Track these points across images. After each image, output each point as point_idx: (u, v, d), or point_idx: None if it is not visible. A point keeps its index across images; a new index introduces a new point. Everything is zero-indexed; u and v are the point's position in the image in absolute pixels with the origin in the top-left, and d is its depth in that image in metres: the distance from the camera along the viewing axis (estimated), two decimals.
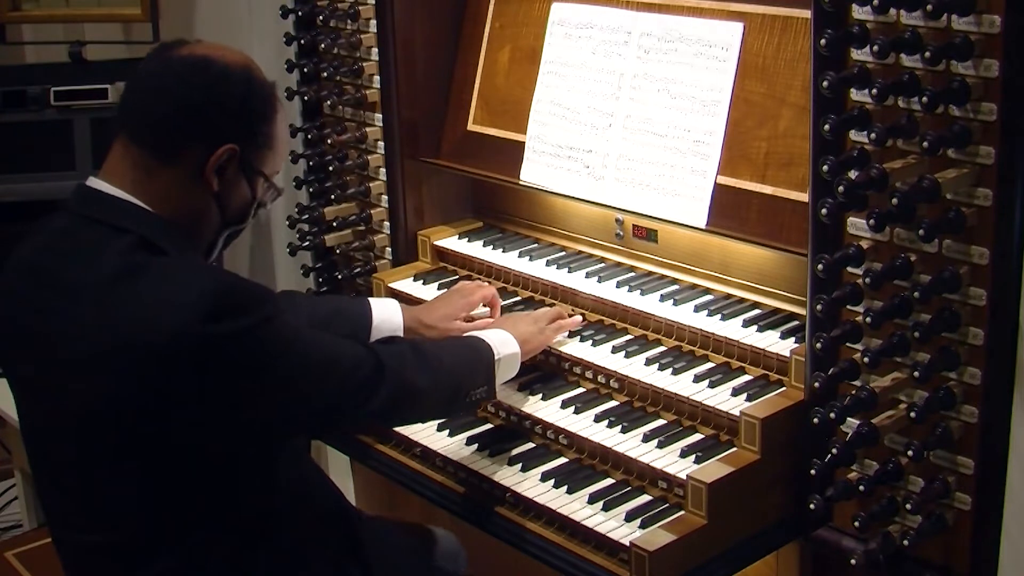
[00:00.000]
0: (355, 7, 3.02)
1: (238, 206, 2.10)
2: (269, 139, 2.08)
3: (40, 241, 2.05)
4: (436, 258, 3.07)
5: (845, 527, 2.22)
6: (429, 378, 2.21)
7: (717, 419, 2.33)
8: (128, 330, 1.87)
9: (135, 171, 2.01)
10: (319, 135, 3.22)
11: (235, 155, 2.02)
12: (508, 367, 2.43)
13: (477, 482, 2.42)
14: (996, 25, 1.87)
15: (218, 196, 2.05)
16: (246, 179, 2.08)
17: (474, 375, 2.34)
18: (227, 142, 2.01)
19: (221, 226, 2.10)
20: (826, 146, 2.06)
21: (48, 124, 3.81)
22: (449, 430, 2.57)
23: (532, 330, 2.51)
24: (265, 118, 2.07)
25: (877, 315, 2.02)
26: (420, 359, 2.22)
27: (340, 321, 2.58)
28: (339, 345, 2.13)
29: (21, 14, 4.26)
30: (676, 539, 2.10)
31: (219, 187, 2.03)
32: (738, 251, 2.56)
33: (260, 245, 3.86)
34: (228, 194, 2.07)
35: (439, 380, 2.25)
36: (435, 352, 2.27)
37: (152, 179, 2.01)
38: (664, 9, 2.63)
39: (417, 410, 2.30)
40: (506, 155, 2.91)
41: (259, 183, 2.11)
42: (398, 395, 2.15)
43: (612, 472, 2.36)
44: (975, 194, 1.95)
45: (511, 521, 2.33)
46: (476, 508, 2.41)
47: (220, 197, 2.05)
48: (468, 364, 2.34)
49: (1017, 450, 2.00)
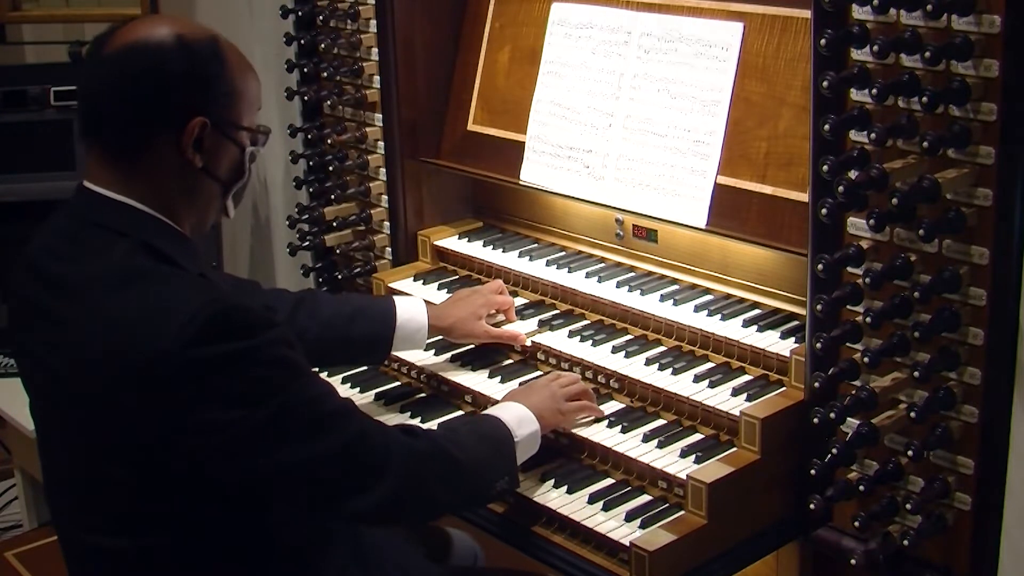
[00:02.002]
0: (355, 7, 3.02)
1: (230, 167, 2.02)
2: (231, 92, 1.97)
3: (45, 243, 2.01)
4: (436, 258, 3.07)
5: (845, 527, 2.22)
6: (445, 481, 2.06)
7: (717, 419, 2.33)
8: (118, 340, 1.83)
9: (116, 173, 1.95)
10: (319, 135, 3.22)
11: (205, 125, 1.93)
12: (528, 448, 2.27)
13: None
14: (996, 25, 1.87)
15: (206, 168, 1.97)
16: (228, 139, 1.99)
17: (494, 470, 2.16)
18: (192, 116, 1.92)
19: (223, 191, 2.04)
20: (826, 146, 2.06)
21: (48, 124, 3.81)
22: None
23: (552, 406, 2.34)
24: (217, 76, 1.95)
25: (877, 315, 2.02)
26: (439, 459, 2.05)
27: (363, 319, 2.55)
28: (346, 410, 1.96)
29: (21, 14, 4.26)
30: (676, 539, 2.09)
31: (203, 161, 1.96)
32: (738, 251, 2.56)
33: (260, 245, 3.86)
34: (215, 162, 1.98)
35: (457, 482, 2.09)
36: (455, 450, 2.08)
37: (134, 177, 1.95)
38: (664, 9, 2.63)
39: (422, 514, 2.15)
40: (506, 155, 2.91)
41: (242, 136, 2.01)
42: (398, 498, 1.98)
43: (612, 472, 2.36)
44: (975, 194, 1.95)
45: (511, 521, 2.33)
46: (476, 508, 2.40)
47: (208, 169, 1.98)
48: (488, 459, 2.16)
49: (1017, 450, 2.00)
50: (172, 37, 1.92)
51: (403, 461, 1.99)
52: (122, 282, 1.88)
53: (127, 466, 1.89)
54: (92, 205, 1.97)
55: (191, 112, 1.92)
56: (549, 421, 2.32)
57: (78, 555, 2.09)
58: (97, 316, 1.87)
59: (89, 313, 1.88)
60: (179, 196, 1.98)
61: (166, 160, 1.95)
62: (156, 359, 1.80)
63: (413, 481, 2.00)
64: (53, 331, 1.94)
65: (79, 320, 1.89)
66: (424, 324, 2.61)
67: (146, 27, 1.95)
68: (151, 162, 1.95)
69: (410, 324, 2.59)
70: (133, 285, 1.87)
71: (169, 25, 1.95)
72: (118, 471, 1.90)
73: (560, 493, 2.30)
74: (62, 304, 1.93)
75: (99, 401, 1.87)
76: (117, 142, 1.95)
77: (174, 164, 1.95)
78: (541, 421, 2.29)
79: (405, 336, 2.60)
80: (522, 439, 2.24)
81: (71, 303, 1.91)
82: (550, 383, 2.40)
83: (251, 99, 2.02)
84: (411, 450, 2.02)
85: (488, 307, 2.68)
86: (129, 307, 1.85)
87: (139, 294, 1.86)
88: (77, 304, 1.90)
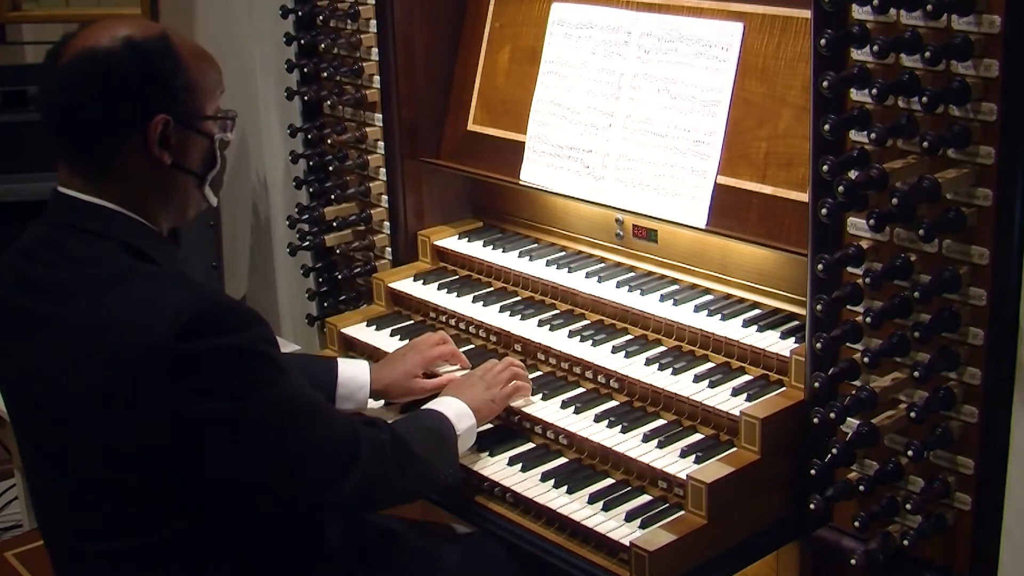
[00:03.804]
0: (355, 7, 3.02)
1: (201, 158, 2.02)
2: (188, 86, 1.97)
3: (23, 248, 2.01)
4: (436, 258, 3.07)
5: (845, 527, 2.22)
6: (402, 468, 2.14)
7: (717, 419, 2.33)
8: (109, 337, 1.84)
9: (87, 178, 1.96)
10: (319, 135, 3.22)
11: (168, 122, 1.94)
12: (467, 440, 2.38)
13: (477, 482, 2.42)
14: (996, 25, 1.87)
15: (176, 164, 1.98)
16: (194, 131, 1.99)
17: (441, 461, 2.27)
18: (152, 115, 1.93)
19: (198, 182, 2.04)
20: (826, 146, 2.06)
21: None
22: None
23: (485, 398, 2.43)
24: (172, 72, 1.95)
25: (877, 315, 2.02)
26: (397, 447, 2.13)
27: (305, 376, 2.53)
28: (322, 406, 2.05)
29: (21, 14, 4.25)
30: (676, 539, 2.10)
31: (172, 157, 1.96)
32: (738, 251, 2.56)
33: (260, 245, 3.85)
34: (185, 156, 1.99)
35: (412, 471, 2.18)
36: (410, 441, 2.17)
37: (106, 180, 1.96)
38: (664, 9, 2.63)
39: (385, 499, 2.20)
40: (506, 155, 2.91)
41: (208, 125, 2.01)
42: (369, 480, 2.05)
43: (612, 472, 2.36)
44: (975, 194, 1.95)
45: (511, 521, 2.33)
46: (476, 508, 2.41)
47: (179, 164, 1.99)
48: (437, 452, 2.26)
49: (1017, 450, 2.00)
50: (120, 41, 1.93)
51: (371, 451, 2.06)
52: (107, 281, 1.89)
53: (120, 464, 1.90)
54: (68, 209, 1.97)
55: (151, 111, 1.93)
56: (484, 414, 2.43)
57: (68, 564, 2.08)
58: (85, 315, 1.88)
59: (77, 313, 1.89)
60: (153, 195, 2.00)
61: (135, 161, 1.96)
62: (149, 353, 1.82)
63: (380, 470, 2.08)
64: (38, 334, 1.94)
65: (67, 321, 1.90)
66: (366, 383, 2.56)
67: (95, 33, 1.95)
68: (120, 165, 1.96)
69: (352, 382, 2.55)
70: (119, 284, 1.89)
71: (117, 28, 1.95)
72: (110, 470, 1.91)
73: (560, 493, 2.30)
74: (46, 307, 1.93)
75: (91, 399, 1.87)
76: (84, 150, 1.96)
77: (143, 164, 1.96)
78: (477, 415, 2.40)
79: (346, 395, 2.55)
80: (462, 433, 2.34)
81: (56, 305, 1.92)
82: (484, 375, 2.49)
83: (209, 88, 2.02)
84: (376, 441, 2.09)
85: (424, 365, 2.61)
86: (118, 305, 1.86)
87: (126, 292, 1.88)
88: (63, 305, 1.91)
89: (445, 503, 2.48)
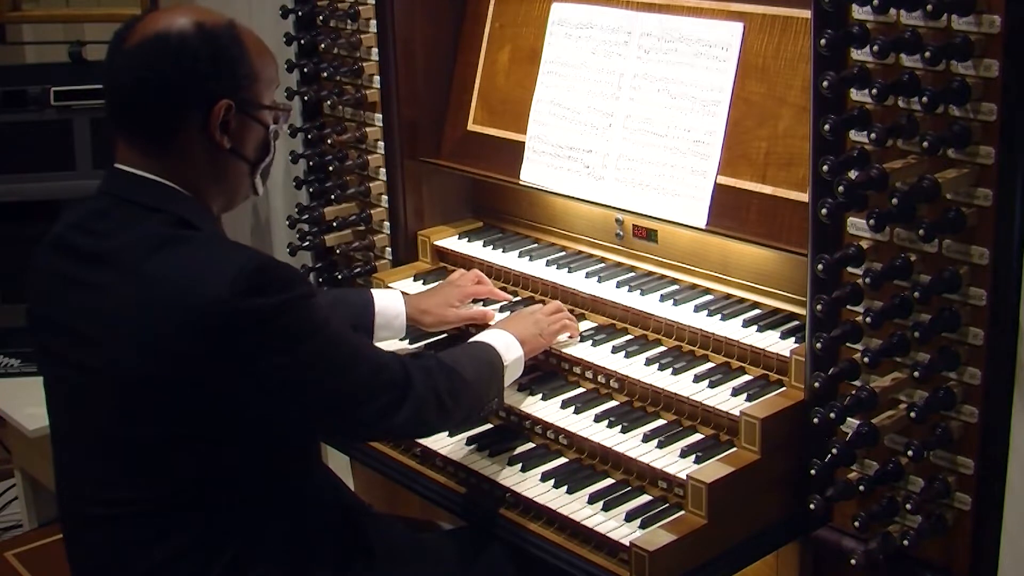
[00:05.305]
0: (355, 7, 3.02)
1: (257, 146, 2.13)
2: (252, 75, 2.08)
3: (74, 219, 2.09)
4: (436, 258, 3.07)
5: (845, 527, 2.22)
6: (454, 395, 2.22)
7: (717, 419, 2.33)
8: (165, 298, 1.91)
9: (147, 156, 2.05)
10: (319, 135, 3.22)
11: (230, 107, 2.04)
12: (513, 372, 2.46)
13: (477, 482, 2.42)
14: (996, 25, 1.87)
15: (233, 149, 2.08)
16: (252, 119, 2.10)
17: (490, 388, 2.36)
18: (217, 100, 2.02)
19: (252, 169, 2.14)
20: (826, 146, 2.06)
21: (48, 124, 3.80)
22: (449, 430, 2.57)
23: (533, 331, 2.52)
24: (239, 59, 2.05)
25: (877, 315, 2.02)
26: (447, 375, 2.22)
27: (342, 309, 2.60)
28: (368, 345, 2.18)
29: (21, 14, 4.26)
30: (676, 539, 2.10)
31: (231, 142, 2.06)
32: (738, 251, 2.56)
33: (260, 245, 3.85)
34: (242, 142, 2.09)
35: (463, 397, 2.25)
36: (459, 368, 2.27)
37: (165, 161, 2.04)
38: (664, 9, 2.63)
39: (440, 424, 2.30)
40: (506, 155, 2.91)
41: (265, 115, 2.12)
42: (424, 408, 2.15)
43: (612, 472, 2.36)
44: (975, 194, 1.95)
45: (511, 521, 2.33)
46: (476, 508, 2.41)
47: (236, 149, 2.08)
48: (486, 379, 2.35)
49: (1017, 450, 2.01)
50: (192, 25, 2.02)
51: (423, 379, 2.16)
52: (162, 244, 1.97)
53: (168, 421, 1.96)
54: (125, 184, 2.06)
55: (216, 95, 2.03)
56: (532, 346, 2.50)
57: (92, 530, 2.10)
58: (141, 277, 1.94)
59: (133, 276, 1.95)
60: (208, 177, 2.09)
61: (195, 144, 2.05)
62: (211, 309, 1.89)
63: (432, 395, 2.17)
64: (90, 299, 2.00)
65: (122, 284, 1.96)
66: (402, 311, 2.67)
67: (165, 18, 2.04)
68: (181, 146, 2.04)
69: (388, 311, 2.65)
70: (175, 246, 1.97)
71: (187, 15, 2.04)
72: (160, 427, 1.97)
73: (560, 493, 2.31)
74: (98, 273, 1.99)
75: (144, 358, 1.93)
76: (147, 130, 2.05)
77: (202, 146, 2.05)
78: (524, 347, 2.47)
79: (384, 323, 2.66)
80: (510, 363, 2.43)
81: (109, 271, 1.98)
82: (534, 312, 2.59)
83: (270, 79, 2.13)
84: (426, 369, 2.19)
85: (462, 298, 2.74)
86: (175, 265, 1.94)
87: (182, 253, 1.96)
88: (116, 271, 1.97)
89: (445, 503, 2.49)
